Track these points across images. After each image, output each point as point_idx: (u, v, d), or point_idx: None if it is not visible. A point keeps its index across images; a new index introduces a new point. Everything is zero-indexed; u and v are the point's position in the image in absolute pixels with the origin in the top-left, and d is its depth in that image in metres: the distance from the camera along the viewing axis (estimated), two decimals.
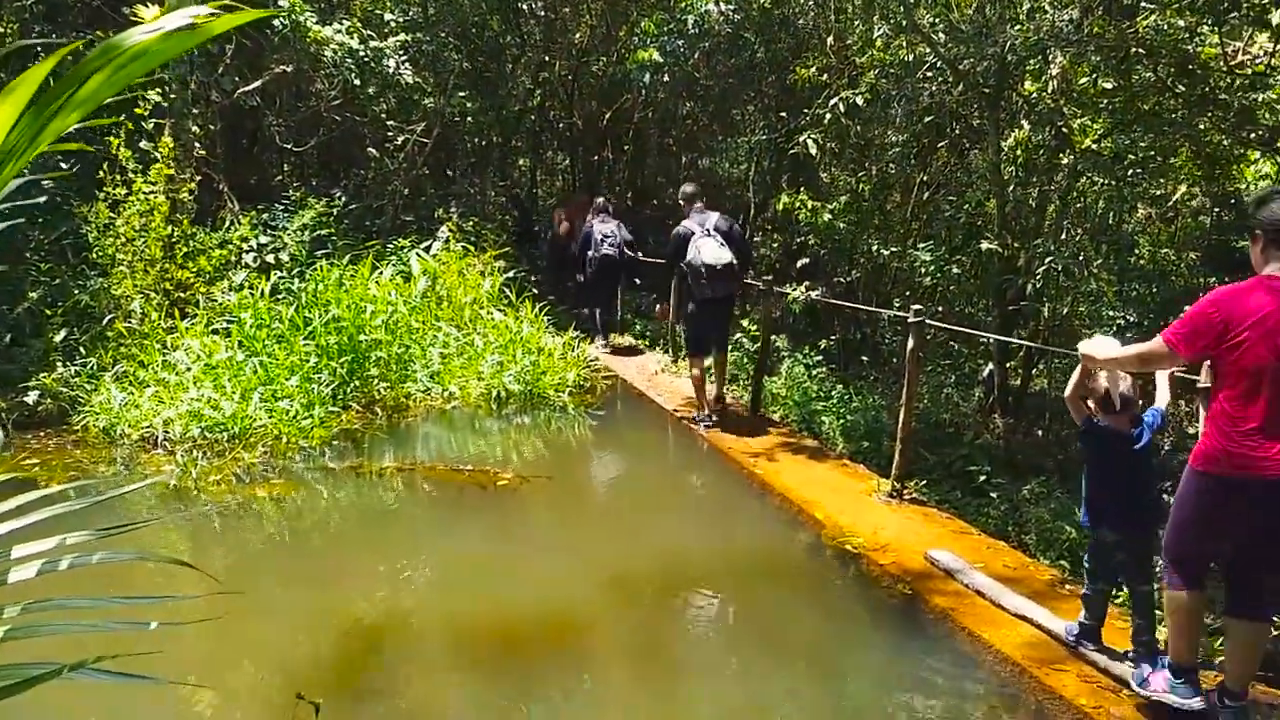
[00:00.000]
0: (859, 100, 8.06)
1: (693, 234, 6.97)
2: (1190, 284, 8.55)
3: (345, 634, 3.78)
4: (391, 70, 10.33)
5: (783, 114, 10.40)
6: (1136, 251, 8.85)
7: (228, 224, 9.22)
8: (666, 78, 10.25)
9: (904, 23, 7.73)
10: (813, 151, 8.85)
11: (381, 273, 8.69)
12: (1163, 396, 3.46)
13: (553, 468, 6.17)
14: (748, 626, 4.16)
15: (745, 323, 10.43)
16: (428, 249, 9.60)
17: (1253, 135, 7.30)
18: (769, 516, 5.50)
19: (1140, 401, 3.47)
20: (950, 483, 6.35)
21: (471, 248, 9.80)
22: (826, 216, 8.75)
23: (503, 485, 5.59)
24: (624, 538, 5.12)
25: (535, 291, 9.77)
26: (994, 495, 6.07)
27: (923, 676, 3.61)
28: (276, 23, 9.45)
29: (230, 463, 5.98)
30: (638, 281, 10.59)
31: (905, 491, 5.49)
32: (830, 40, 9.21)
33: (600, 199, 10.17)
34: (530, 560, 4.70)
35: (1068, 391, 3.55)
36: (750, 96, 11.81)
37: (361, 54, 10.05)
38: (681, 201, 7.41)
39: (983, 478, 6.42)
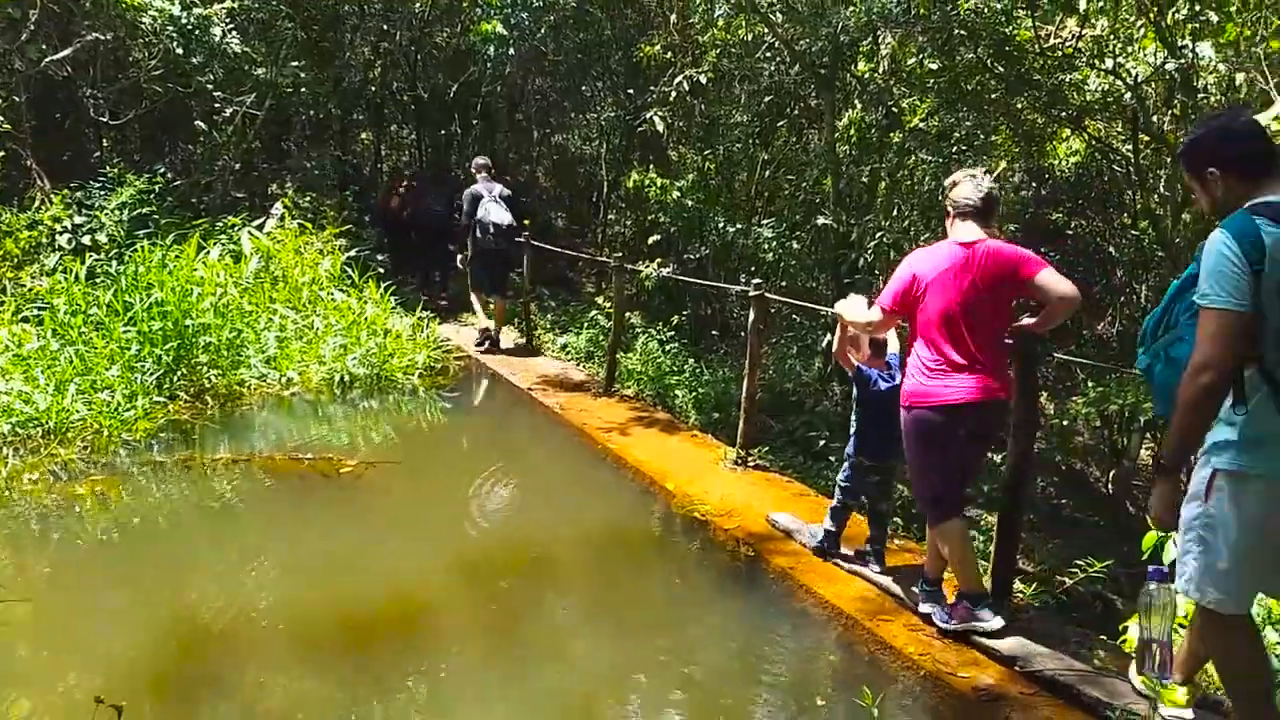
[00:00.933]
0: (702, 79, 8.20)
1: (483, 196, 8.48)
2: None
3: (176, 634, 3.58)
4: (218, 39, 9.70)
5: (630, 91, 10.44)
6: None
7: (37, 203, 8.47)
8: (513, 51, 10.09)
9: (743, 2, 7.89)
10: (660, 129, 8.96)
11: (209, 253, 8.19)
12: (892, 344, 4.05)
13: (401, 452, 6.02)
14: (599, 599, 4.20)
15: (600, 300, 10.48)
16: (261, 227, 9.11)
17: (1063, 114, 7.90)
18: (622, 490, 5.57)
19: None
20: (793, 449, 6.62)
21: (309, 225, 9.36)
22: (675, 194, 8.88)
23: (346, 473, 5.41)
24: (476, 520, 5.06)
25: (381, 271, 9.46)
26: (832, 459, 6.37)
27: (764, 634, 3.76)
28: None
29: (46, 459, 5.52)
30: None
31: (750, 459, 5.67)
32: (674, 18, 9.30)
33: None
34: (377, 548, 4.57)
35: (835, 346, 4.10)
36: (599, 73, 11.79)
37: (184, 21, 9.39)
38: (474, 170, 8.77)
39: (822, 443, 6.74)
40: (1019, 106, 7.82)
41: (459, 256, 9.78)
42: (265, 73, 10.64)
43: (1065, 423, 8.38)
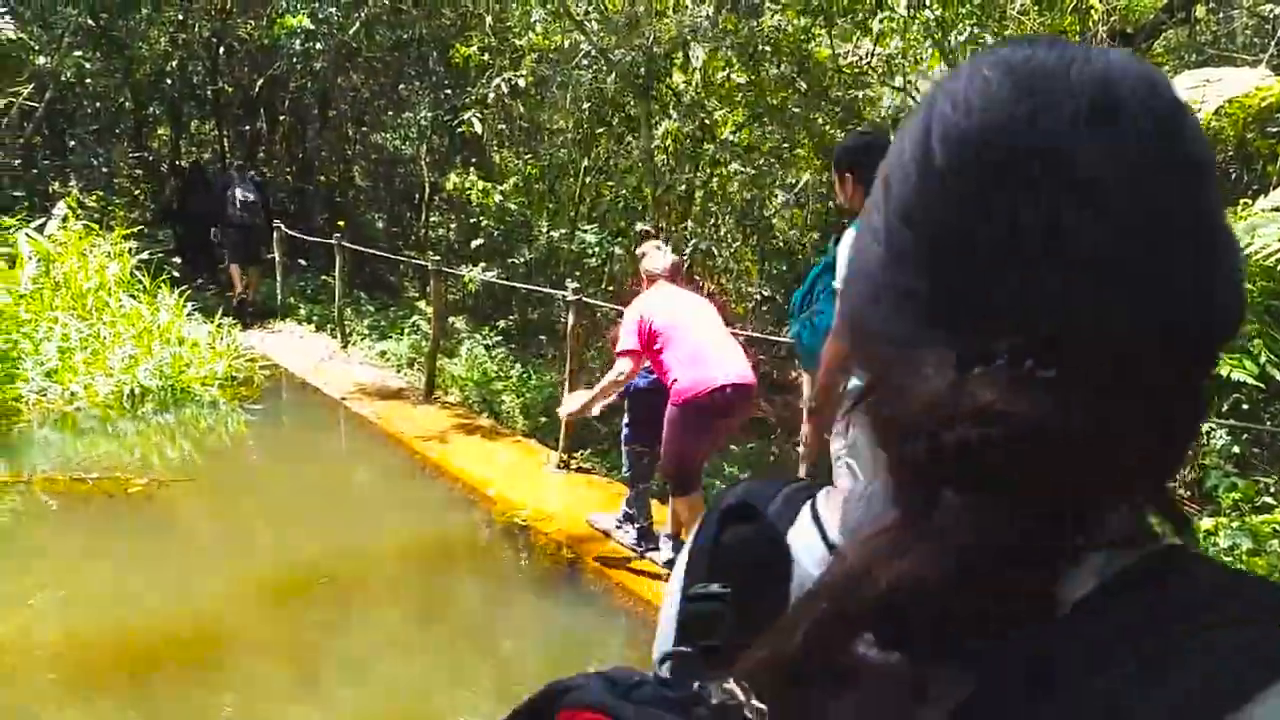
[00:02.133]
0: (521, 83, 8.19)
1: (233, 179, 9.92)
2: (814, 261, 9.73)
3: None
4: None
5: (450, 92, 10.28)
6: (774, 234, 9.87)
7: None
8: (320, 45, 9.68)
9: (559, 9, 7.95)
10: (478, 130, 8.87)
11: None
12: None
13: (198, 470, 5.65)
14: (413, 613, 4.12)
15: (422, 304, 10.24)
16: (41, 228, 8.30)
17: (858, 128, 8.45)
18: (440, 500, 5.47)
19: None
20: (617, 450, 6.72)
21: (96, 226, 8.61)
22: (498, 198, 8.82)
23: (135, 492, 5.01)
24: (281, 538, 4.83)
25: (176, 275, 8.82)
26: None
27: (579, 634, 3.80)
28: None
29: None
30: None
31: (573, 461, 5.72)
32: (490, 21, 9.24)
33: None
34: (168, 572, 4.27)
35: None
36: (417, 73, 11.52)
37: None
38: (232, 172, 10.13)
39: None
40: (819, 120, 8.30)
41: (213, 231, 10.11)
42: (46, 61, 9.71)
43: None
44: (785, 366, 9.17)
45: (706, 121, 8.34)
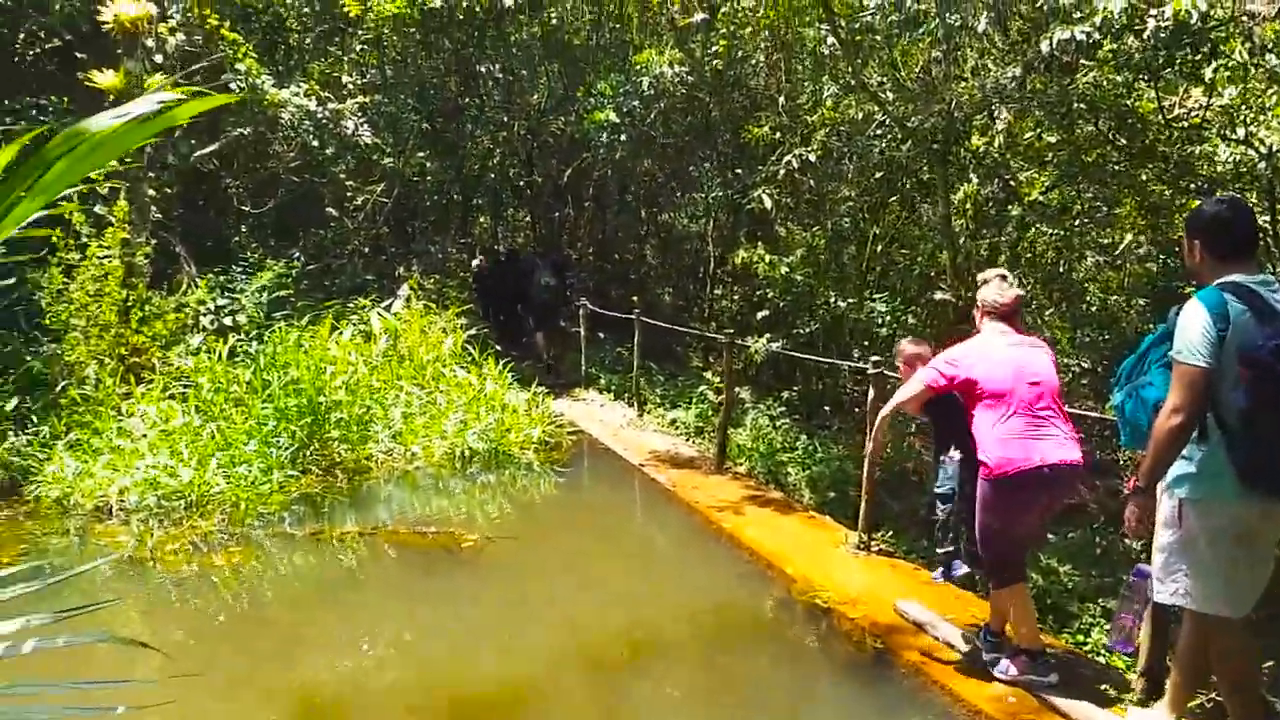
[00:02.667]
0: (811, 157, 8.26)
1: (536, 264, 11.03)
2: (1141, 329, 8.80)
3: (307, 709, 3.67)
4: (350, 132, 10.38)
5: (738, 170, 10.61)
6: (1087, 299, 9.08)
7: (184, 287, 9.12)
8: (624, 136, 10.42)
9: (852, 82, 7.96)
10: (768, 206, 9.05)
11: (341, 333, 8.62)
12: None
13: (518, 527, 6.09)
14: (718, 689, 4.11)
15: (709, 375, 10.50)
16: (388, 307, 9.56)
17: (1192, 185, 7.61)
18: (738, 572, 5.47)
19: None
20: (916, 531, 6.38)
21: (433, 305, 9.77)
22: (784, 269, 8.90)
23: (467, 547, 5.51)
24: (592, 599, 5.05)
25: (498, 348, 9.75)
26: (962, 544, 6.10)
27: None
28: (234, 86, 9.47)
29: (187, 531, 5.82)
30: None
31: (873, 542, 5.50)
32: (781, 100, 9.45)
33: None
34: (496, 625, 4.62)
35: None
36: (706, 154, 12.03)
37: (320, 116, 10.09)
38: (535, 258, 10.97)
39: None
40: (1144, 179, 7.58)
41: (519, 307, 11.38)
42: (393, 162, 11.29)
43: None
44: (1106, 445, 8.30)
45: (1011, 183, 7.91)
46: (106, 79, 7.98)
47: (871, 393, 5.50)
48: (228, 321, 8.77)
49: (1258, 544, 2.87)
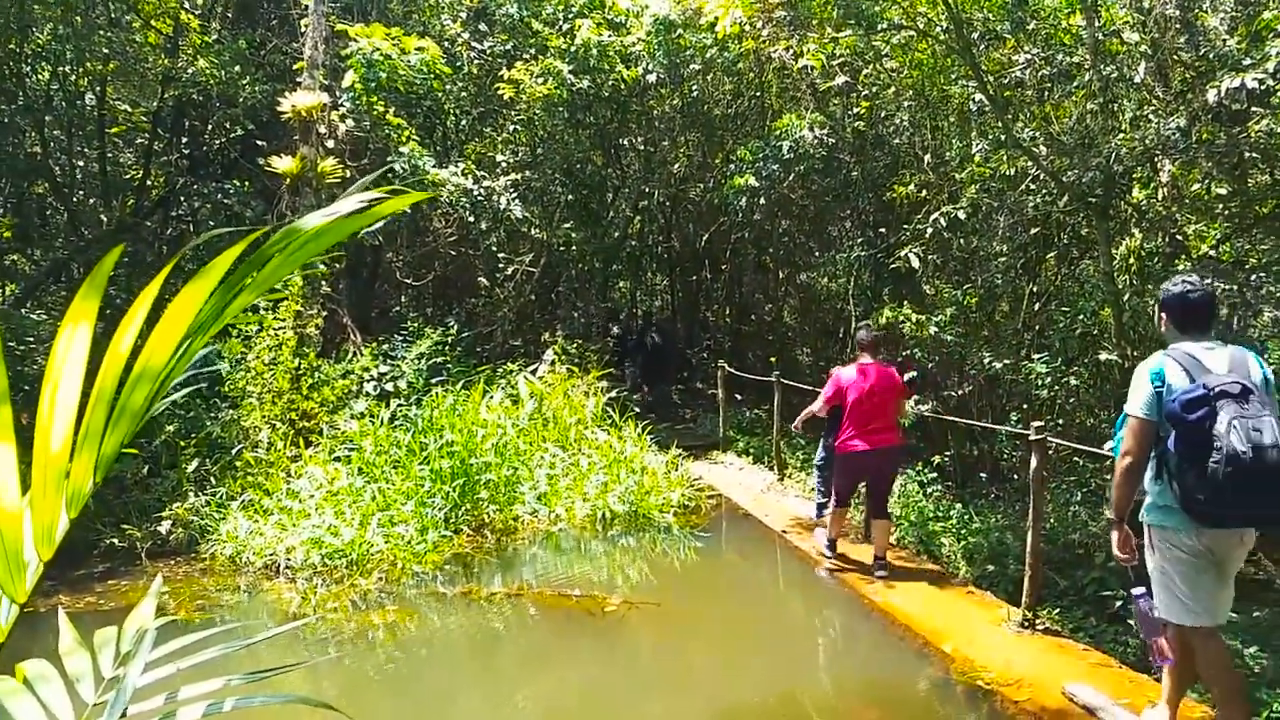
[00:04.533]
0: (960, 214, 8.06)
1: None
2: None
3: None
4: (502, 207, 10.91)
5: (881, 229, 10.46)
6: (1266, 356, 8.38)
7: (350, 355, 9.71)
8: (762, 200, 10.50)
9: (1003, 137, 7.76)
10: (914, 265, 8.84)
11: (493, 397, 8.95)
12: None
13: (660, 593, 6.06)
14: None
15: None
16: (534, 371, 9.88)
17: None
18: (891, 648, 5.23)
19: None
20: (1084, 609, 5.94)
21: (576, 369, 10.03)
22: (933, 329, 8.63)
23: (610, 612, 5.52)
24: (736, 671, 4.95)
25: (637, 410, 9.86)
26: (1131, 622, 5.65)
27: None
28: (398, 167, 10.17)
29: (348, 589, 6.10)
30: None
31: (1037, 620, 5.16)
32: (928, 158, 9.30)
33: None
34: (640, 694, 4.59)
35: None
36: (846, 213, 11.95)
37: (475, 193, 10.66)
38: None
39: (1119, 603, 6.00)
40: None
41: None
42: (540, 233, 11.77)
43: None
44: None
45: (1178, 237, 7.45)
46: (284, 164, 8.73)
47: (1034, 460, 5.22)
48: (389, 387, 9.27)
49: (1217, 564, 3.37)
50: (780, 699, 4.53)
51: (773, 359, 11.26)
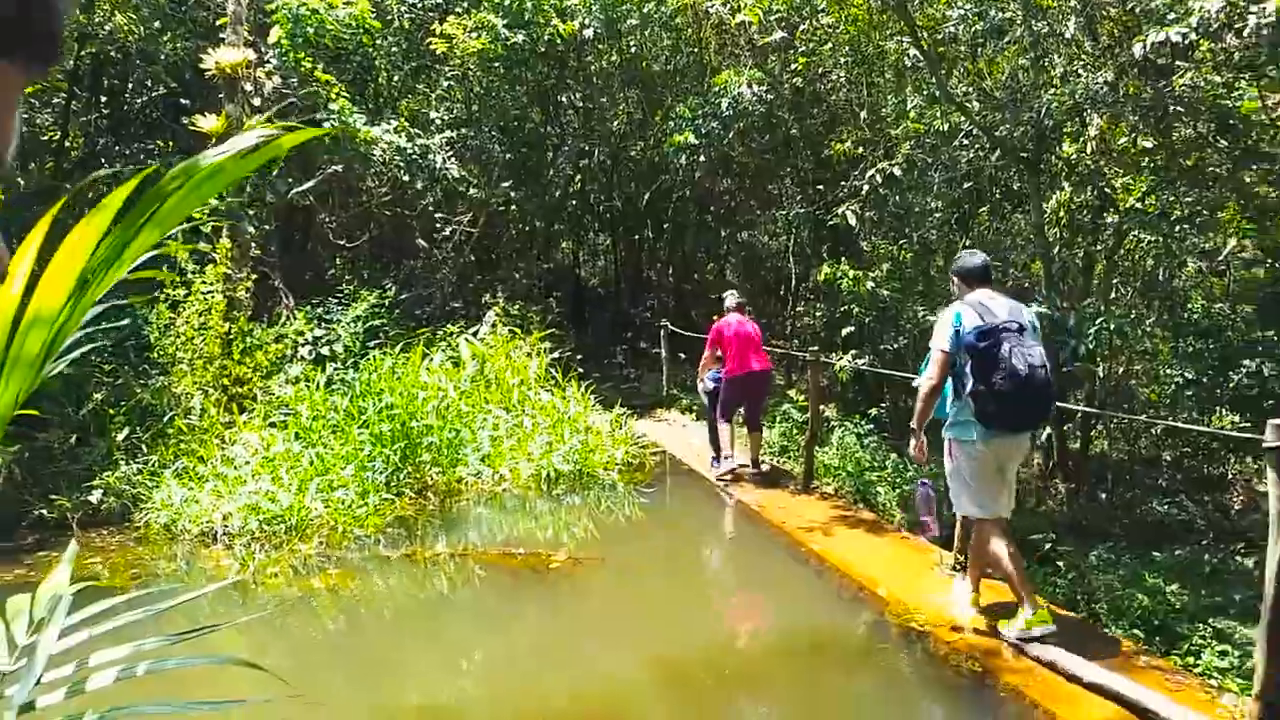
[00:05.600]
0: (896, 171, 8.14)
1: None
2: (1248, 337, 8.34)
3: None
4: (438, 165, 10.69)
5: (819, 186, 10.53)
6: (1189, 307, 8.67)
7: (283, 319, 9.49)
8: (702, 157, 10.46)
9: (937, 93, 7.83)
10: (852, 222, 8.93)
11: (432, 359, 8.84)
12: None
13: (604, 549, 6.12)
14: (807, 714, 4.03)
15: (793, 393, 10.38)
16: (476, 333, 9.78)
17: None
18: (828, 595, 5.37)
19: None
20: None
21: (518, 330, 9.95)
22: (869, 285, 8.75)
23: (555, 568, 5.56)
24: (680, 621, 5.03)
25: (581, 370, 9.85)
26: (1060, 564, 5.87)
27: None
28: (328, 125, 9.88)
29: (287, 555, 6.03)
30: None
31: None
32: (863, 114, 9.35)
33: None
34: (586, 647, 4.63)
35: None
36: (786, 171, 11.99)
37: (409, 151, 10.42)
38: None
39: (1048, 545, 6.22)
40: (1247, 180, 7.21)
41: None
42: (479, 193, 11.58)
43: None
44: (1214, 460, 7.89)
45: (1106, 190, 7.63)
46: (209, 123, 8.41)
47: None
48: (325, 351, 9.09)
49: (1000, 466, 4.34)
50: (722, 646, 4.62)
51: (715, 317, 11.30)
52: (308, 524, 6.43)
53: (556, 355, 9.75)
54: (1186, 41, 5.86)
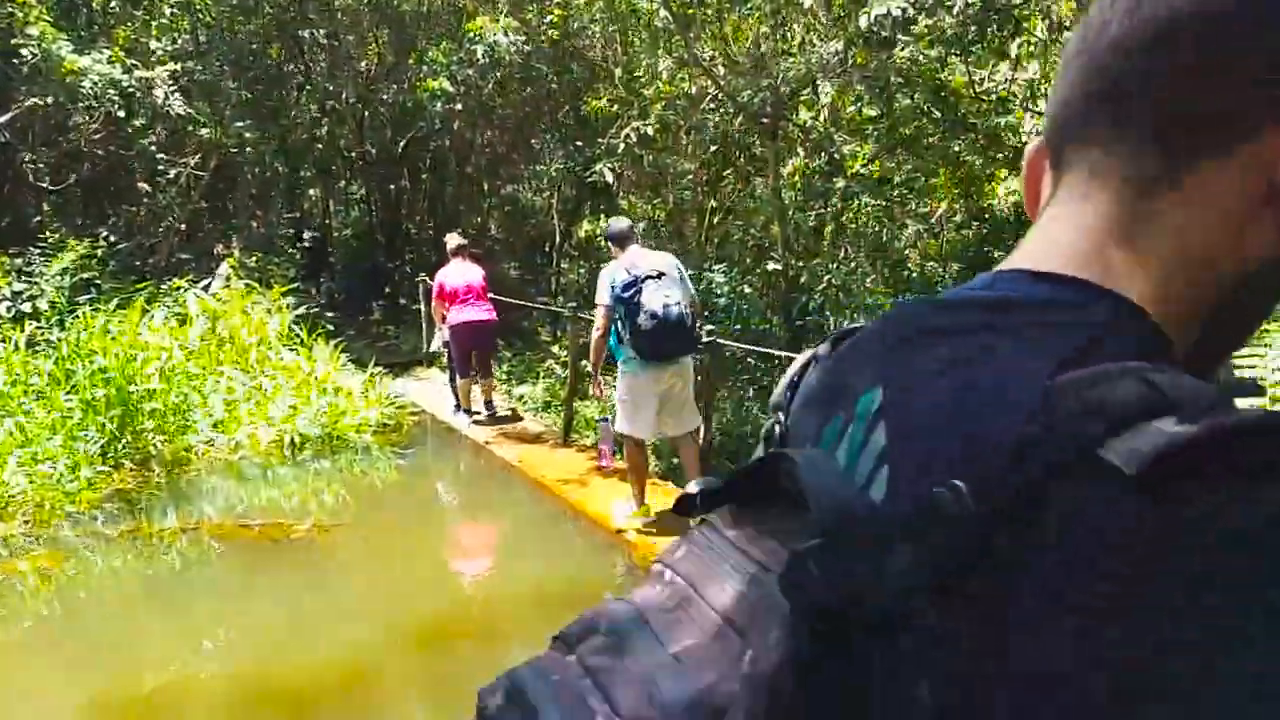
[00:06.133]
0: (649, 130, 8.32)
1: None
2: None
3: (118, 710, 3.44)
4: (161, 101, 9.62)
5: (579, 143, 10.57)
6: (908, 266, 9.61)
7: None
8: (459, 106, 10.15)
9: (685, 57, 8.05)
10: (609, 180, 9.05)
11: (154, 317, 8.03)
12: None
13: (354, 514, 5.89)
14: None
15: (556, 349, 10.47)
16: (207, 288, 8.98)
17: (1000, 155, 8.15)
18: (583, 544, 5.50)
19: None
20: None
21: (256, 285, 9.24)
22: None
23: (297, 538, 5.27)
24: (431, 580, 4.97)
25: (332, 328, 9.34)
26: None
27: None
28: (25, 52, 8.60)
29: None
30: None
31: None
32: (619, 72, 9.45)
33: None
34: (328, 615, 4.45)
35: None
36: (547, 126, 11.91)
37: (126, 85, 9.29)
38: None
39: None
40: (957, 150, 8.06)
41: None
42: (209, 133, 10.57)
43: None
44: None
45: (836, 156, 8.24)
46: None
47: (704, 360, 5.63)
48: (25, 308, 8.02)
49: (658, 395, 5.07)
50: (473, 601, 4.63)
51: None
52: (7, 501, 5.68)
53: (302, 311, 9.16)
54: (905, 15, 6.39)
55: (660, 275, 4.87)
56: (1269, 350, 5.04)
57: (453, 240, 8.07)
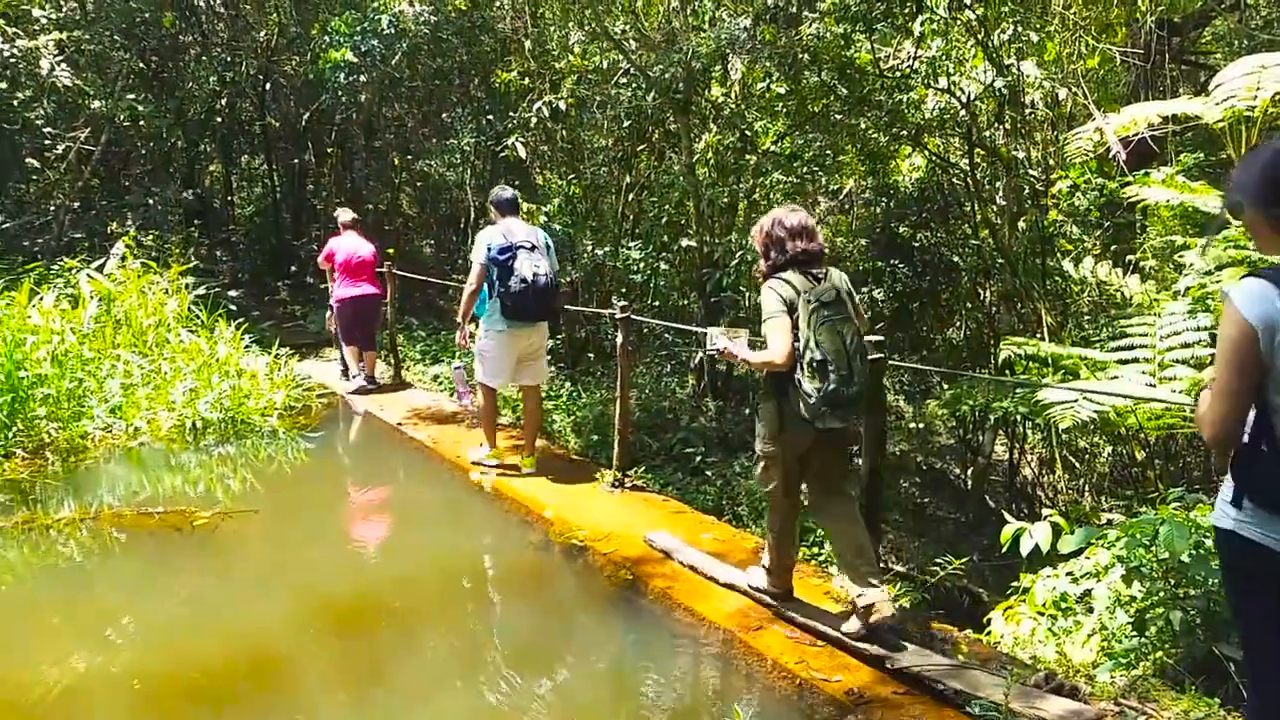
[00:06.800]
0: (562, 105, 8.23)
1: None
2: (864, 267, 9.61)
3: (13, 706, 3.29)
4: (46, 72, 9.09)
5: (491, 117, 10.39)
6: (822, 225, 9.75)
7: None
8: (364, 78, 9.86)
9: (597, 30, 7.98)
10: (521, 155, 8.94)
11: (43, 299, 7.63)
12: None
13: (260, 500, 5.72)
14: (474, 638, 4.12)
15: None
16: (101, 268, 8.56)
17: (904, 132, 8.33)
18: (499, 522, 5.48)
19: None
20: (671, 466, 6.68)
21: (154, 264, 8.85)
22: (542, 219, 8.86)
23: (202, 526, 5.11)
24: (341, 566, 4.87)
25: (234, 308, 9.03)
26: (709, 474, 6.47)
27: (642, 658, 3.76)
28: None
29: None
30: None
31: (628, 480, 5.69)
32: (529, 45, 9.32)
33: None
34: (234, 603, 4.33)
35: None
36: (459, 99, 11.67)
37: (8, 55, 8.75)
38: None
39: (699, 458, 6.82)
40: (863, 126, 8.20)
41: None
42: (101, 105, 10.05)
43: (923, 425, 8.78)
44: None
45: (747, 133, 8.30)
46: None
47: (620, 337, 5.64)
48: None
49: (516, 350, 5.68)
50: (387, 583, 4.56)
51: (390, 250, 10.88)
52: None
53: (202, 292, 8.83)
54: None
55: (533, 247, 5.47)
56: (1158, 320, 5.31)
57: (344, 214, 8.30)
